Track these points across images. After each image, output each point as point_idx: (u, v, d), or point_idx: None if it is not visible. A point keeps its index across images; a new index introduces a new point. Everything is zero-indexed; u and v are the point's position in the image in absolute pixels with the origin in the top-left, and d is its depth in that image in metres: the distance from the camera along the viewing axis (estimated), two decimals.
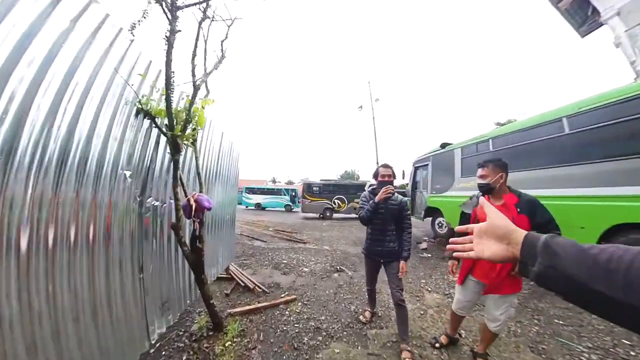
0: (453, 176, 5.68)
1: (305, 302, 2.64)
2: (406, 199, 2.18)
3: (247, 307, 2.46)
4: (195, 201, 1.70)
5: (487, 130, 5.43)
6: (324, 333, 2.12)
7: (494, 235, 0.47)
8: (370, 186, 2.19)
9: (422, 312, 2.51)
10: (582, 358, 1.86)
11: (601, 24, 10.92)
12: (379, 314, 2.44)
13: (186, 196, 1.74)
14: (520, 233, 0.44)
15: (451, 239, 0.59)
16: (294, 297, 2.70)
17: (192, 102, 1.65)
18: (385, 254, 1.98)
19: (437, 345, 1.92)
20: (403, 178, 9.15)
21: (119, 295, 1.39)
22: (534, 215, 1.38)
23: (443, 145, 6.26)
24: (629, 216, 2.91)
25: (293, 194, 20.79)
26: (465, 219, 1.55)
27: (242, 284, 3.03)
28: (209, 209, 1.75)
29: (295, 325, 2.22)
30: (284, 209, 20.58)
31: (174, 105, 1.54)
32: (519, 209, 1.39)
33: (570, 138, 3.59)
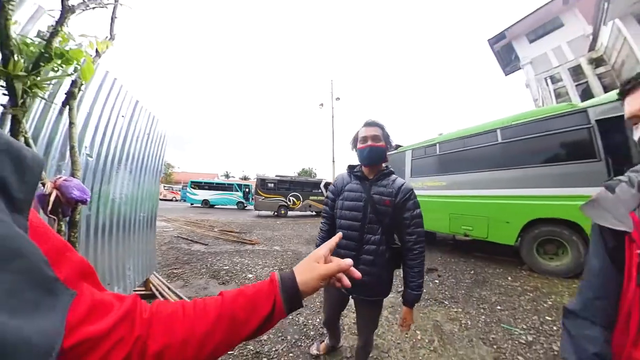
0: (403, 175, 5.95)
1: None
2: (409, 184, 1.14)
3: None
4: (57, 188, 1.07)
5: (433, 136, 5.88)
6: (265, 359, 1.70)
7: None
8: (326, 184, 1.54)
9: None
10: (521, 340, 1.96)
11: (519, 68, 14.90)
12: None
13: (41, 180, 1.09)
14: None
15: None
16: None
17: (54, 31, 1.02)
18: (357, 285, 1.05)
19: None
20: None
21: None
22: None
23: (396, 147, 6.51)
24: (541, 212, 3.48)
25: (247, 190, 19.51)
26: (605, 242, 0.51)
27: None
28: (83, 202, 1.13)
29: (229, 352, 1.74)
30: (235, 207, 19.11)
31: (22, 31, 0.89)
32: None
33: (502, 147, 4.07)
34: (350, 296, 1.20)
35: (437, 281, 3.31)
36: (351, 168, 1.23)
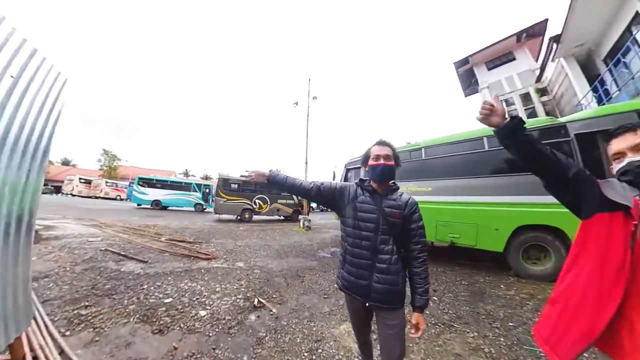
0: None
1: None
2: (414, 199, 1.19)
3: None
4: None
5: (400, 144, 5.72)
6: None
7: None
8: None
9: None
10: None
11: (477, 92, 16.88)
12: None
13: None
14: None
15: None
16: None
17: None
18: (375, 293, 1.11)
19: None
20: (334, 179, 9.08)
21: None
22: None
23: None
24: (529, 219, 3.57)
25: (207, 190, 17.70)
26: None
27: None
28: None
29: None
30: (193, 209, 17.06)
31: None
32: None
33: (489, 154, 4.03)
34: (367, 304, 1.16)
35: (435, 297, 3.00)
36: (362, 181, 1.29)
